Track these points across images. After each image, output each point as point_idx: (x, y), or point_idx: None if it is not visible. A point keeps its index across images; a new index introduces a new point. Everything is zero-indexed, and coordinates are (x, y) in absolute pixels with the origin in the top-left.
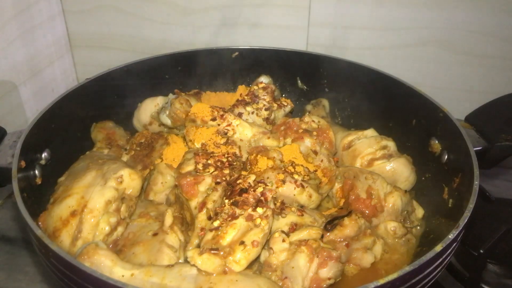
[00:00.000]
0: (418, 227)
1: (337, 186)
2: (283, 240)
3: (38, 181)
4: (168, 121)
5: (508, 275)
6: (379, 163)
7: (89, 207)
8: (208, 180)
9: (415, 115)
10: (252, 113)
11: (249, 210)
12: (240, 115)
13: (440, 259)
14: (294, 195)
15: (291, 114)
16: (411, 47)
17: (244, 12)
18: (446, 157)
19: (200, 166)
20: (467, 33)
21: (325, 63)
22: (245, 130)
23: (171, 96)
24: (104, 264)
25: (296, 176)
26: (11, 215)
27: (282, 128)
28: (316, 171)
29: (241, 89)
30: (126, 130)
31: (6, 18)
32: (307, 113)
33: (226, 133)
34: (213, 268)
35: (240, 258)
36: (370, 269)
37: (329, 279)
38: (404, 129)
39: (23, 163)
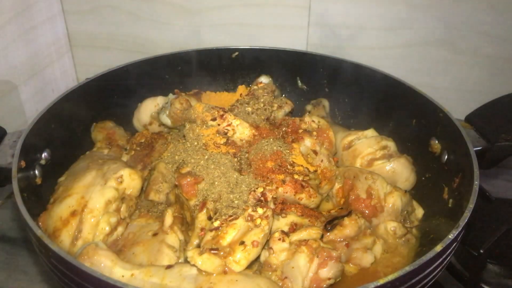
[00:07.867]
0: (418, 227)
1: (337, 186)
2: (283, 240)
3: (38, 181)
4: (168, 121)
5: (508, 275)
6: (379, 163)
7: (89, 207)
8: None
9: (415, 115)
10: (252, 113)
11: (249, 210)
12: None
13: (440, 259)
14: (294, 195)
15: (291, 114)
16: (411, 47)
17: (244, 12)
18: (446, 157)
19: None
20: (467, 33)
21: (325, 63)
22: (245, 130)
23: (171, 96)
24: (104, 264)
25: (296, 176)
26: (11, 215)
27: (283, 129)
28: (316, 171)
29: (241, 89)
30: (126, 130)
31: (6, 18)
32: (307, 113)
33: (226, 133)
34: (213, 268)
35: (240, 258)
36: (370, 270)
37: (329, 279)
38: (404, 129)
39: (23, 163)
